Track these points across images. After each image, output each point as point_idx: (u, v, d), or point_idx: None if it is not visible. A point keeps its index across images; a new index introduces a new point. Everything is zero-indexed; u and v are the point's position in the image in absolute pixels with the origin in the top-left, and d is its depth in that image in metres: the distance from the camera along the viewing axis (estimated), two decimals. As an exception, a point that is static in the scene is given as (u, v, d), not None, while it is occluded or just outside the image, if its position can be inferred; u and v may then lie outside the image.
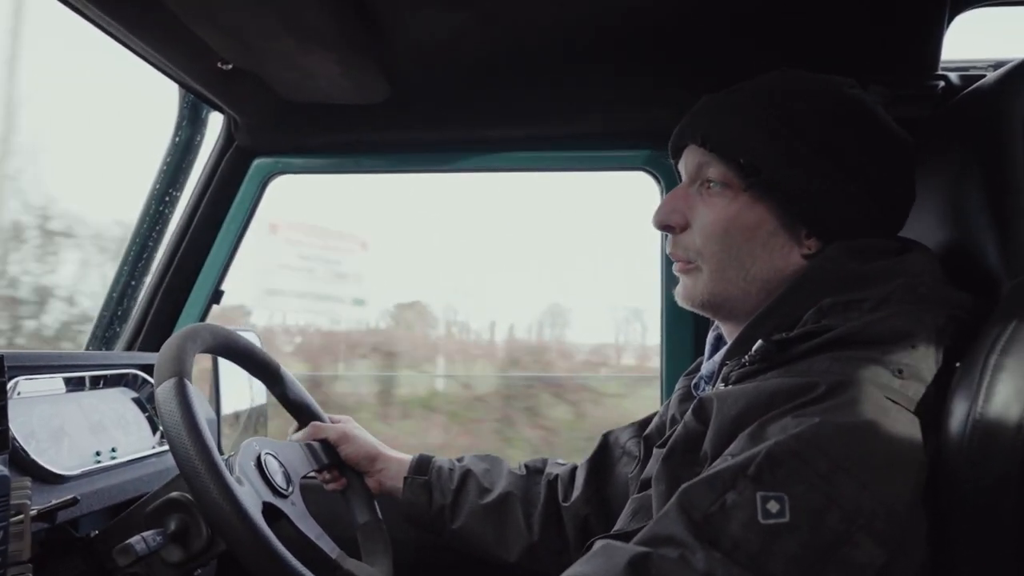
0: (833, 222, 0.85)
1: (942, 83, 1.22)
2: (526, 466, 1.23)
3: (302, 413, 1.22)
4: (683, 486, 0.69)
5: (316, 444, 1.18)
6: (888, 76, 1.22)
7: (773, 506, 0.64)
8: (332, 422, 1.24)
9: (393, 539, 1.18)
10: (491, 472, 1.21)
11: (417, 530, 1.21)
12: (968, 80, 1.22)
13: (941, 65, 1.24)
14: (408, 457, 1.22)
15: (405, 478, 1.19)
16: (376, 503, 1.22)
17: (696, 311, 0.93)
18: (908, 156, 0.90)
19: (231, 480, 0.86)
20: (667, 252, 0.94)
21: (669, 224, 0.92)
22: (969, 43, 1.28)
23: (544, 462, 1.24)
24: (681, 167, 0.94)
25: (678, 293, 0.94)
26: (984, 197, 0.87)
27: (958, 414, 0.68)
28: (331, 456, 1.20)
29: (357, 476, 1.22)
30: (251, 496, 0.92)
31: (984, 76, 1.05)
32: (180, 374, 0.91)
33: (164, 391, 0.90)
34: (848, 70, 1.22)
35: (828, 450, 0.65)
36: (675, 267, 0.94)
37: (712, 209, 0.88)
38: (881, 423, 0.67)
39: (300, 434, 1.21)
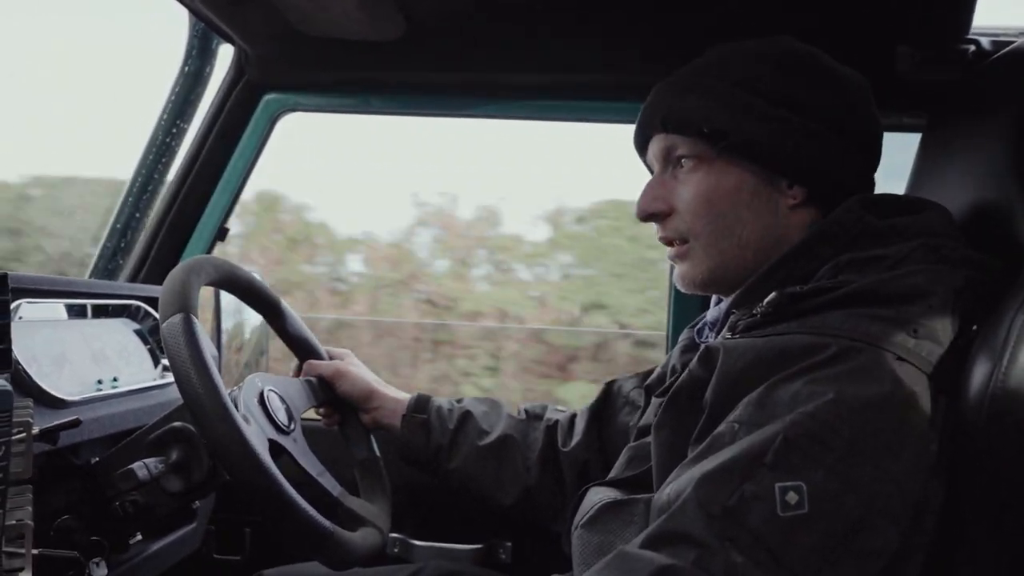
0: (806, 164, 0.86)
1: (972, 47, 1.20)
2: (526, 411, 1.23)
3: (302, 349, 1.21)
4: (699, 476, 0.68)
5: (315, 380, 1.18)
6: (917, 38, 1.20)
7: (792, 497, 0.63)
8: (330, 357, 1.23)
9: (391, 480, 1.19)
10: (490, 414, 1.21)
11: (412, 469, 1.21)
12: (999, 46, 1.20)
13: (972, 30, 1.21)
14: (405, 396, 1.21)
15: (403, 416, 1.19)
16: (374, 441, 1.22)
17: (700, 292, 0.93)
18: (862, 92, 0.90)
19: (240, 420, 0.86)
20: (659, 238, 0.94)
21: (653, 212, 0.92)
22: (1002, 11, 1.25)
23: (543, 407, 1.24)
24: (650, 160, 0.95)
25: (677, 280, 0.94)
26: (1011, 160, 0.86)
27: (978, 375, 0.66)
28: (328, 393, 1.19)
29: (353, 413, 1.22)
30: (258, 435, 0.91)
31: (1015, 42, 1.02)
32: (186, 310, 0.90)
33: (170, 327, 0.89)
34: (878, 31, 1.20)
35: (842, 430, 0.65)
36: (668, 253, 0.94)
37: (690, 185, 0.89)
38: (894, 392, 0.66)
39: (299, 371, 1.21)
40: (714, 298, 0.99)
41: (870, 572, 0.63)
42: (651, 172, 0.97)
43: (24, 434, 0.75)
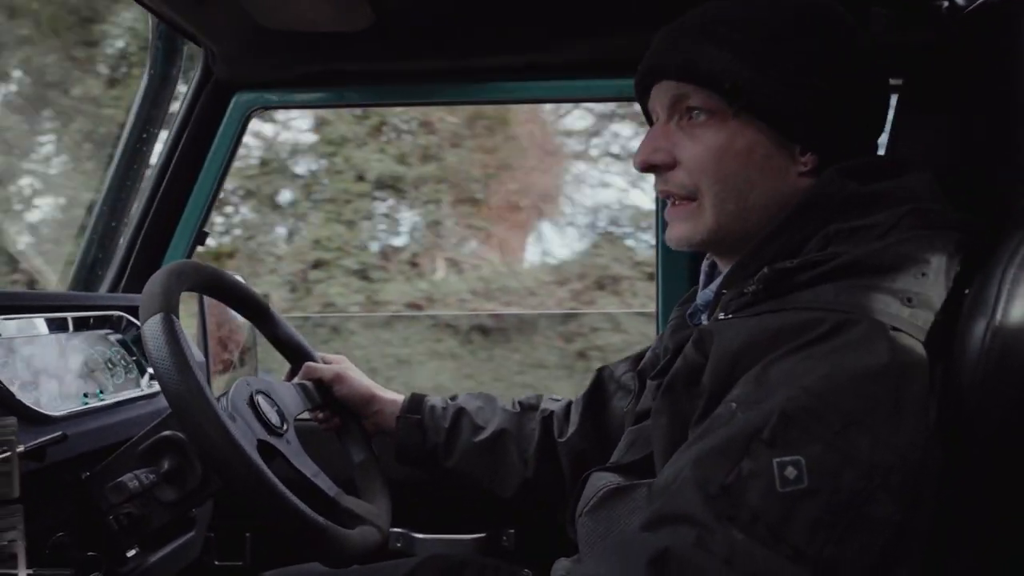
0: (825, 134, 0.83)
1: (946, 3, 1.19)
2: (520, 403, 1.22)
3: (294, 353, 1.20)
4: (696, 456, 0.67)
5: (310, 384, 1.16)
6: (890, -2, 1.19)
7: (791, 472, 0.62)
8: (325, 362, 1.22)
9: (390, 478, 1.18)
10: (484, 410, 1.20)
11: (410, 469, 1.20)
12: (971, 0, 1.19)
13: (944, -14, 1.20)
14: (399, 397, 1.21)
15: (398, 417, 1.18)
16: (371, 443, 1.21)
17: (692, 251, 0.90)
18: (872, 55, 0.86)
19: (224, 416, 0.85)
20: (658, 190, 0.89)
21: (653, 163, 0.87)
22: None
23: (538, 398, 1.23)
24: (653, 105, 0.89)
25: (671, 237, 0.89)
26: (988, 117, 0.85)
27: (973, 335, 0.66)
28: (325, 397, 1.18)
29: (352, 416, 1.21)
30: (245, 433, 0.90)
31: (987, -3, 1.01)
32: (167, 309, 0.89)
33: (151, 327, 0.87)
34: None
35: (839, 403, 0.64)
36: (668, 211, 0.89)
37: (700, 141, 0.84)
38: (891, 363, 0.65)
39: (296, 375, 1.19)
40: (702, 278, 0.96)
41: (873, 544, 0.62)
42: (649, 120, 0.92)
43: (8, 453, 0.73)
